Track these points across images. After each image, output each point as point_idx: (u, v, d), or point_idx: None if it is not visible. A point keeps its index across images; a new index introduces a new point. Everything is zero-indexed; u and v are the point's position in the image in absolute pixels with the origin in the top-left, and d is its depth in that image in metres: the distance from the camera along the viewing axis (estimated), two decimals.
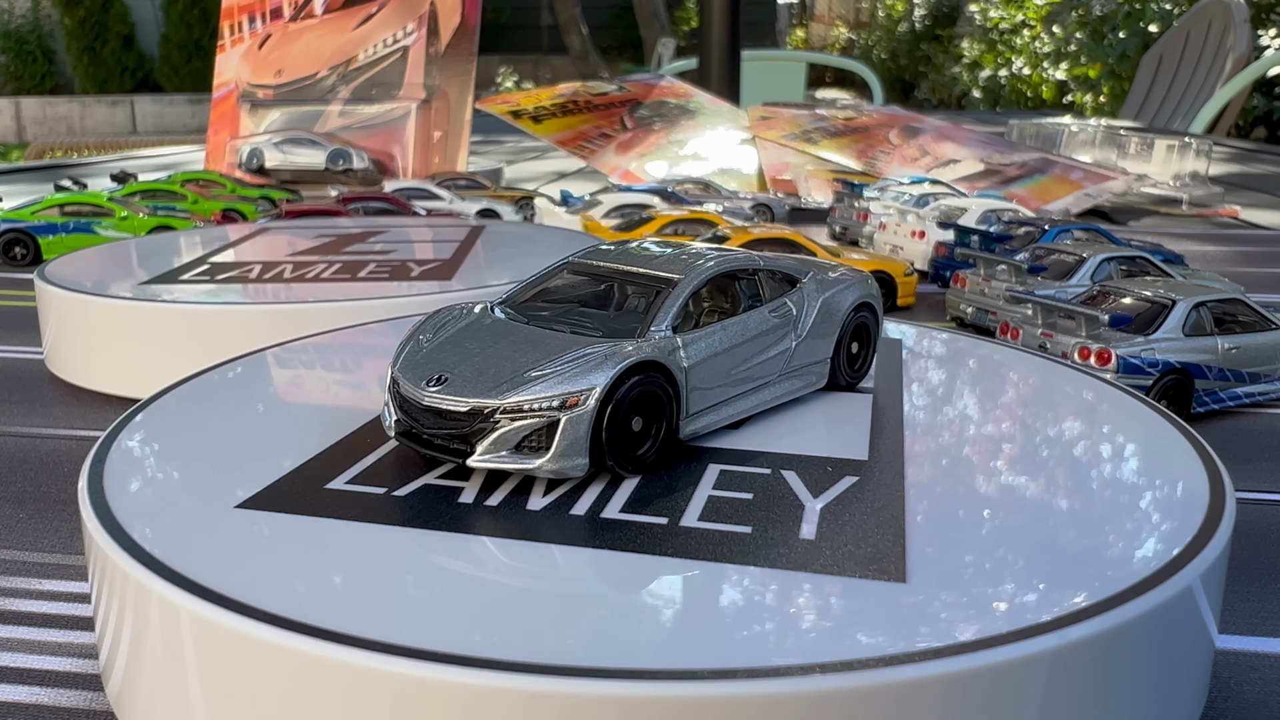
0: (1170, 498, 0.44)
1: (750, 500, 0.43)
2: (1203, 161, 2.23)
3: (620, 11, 9.36)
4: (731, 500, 0.43)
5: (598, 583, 0.37)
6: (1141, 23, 6.15)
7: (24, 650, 0.47)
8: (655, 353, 0.45)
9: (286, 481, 0.45)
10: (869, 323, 0.59)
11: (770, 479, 0.46)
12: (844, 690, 0.30)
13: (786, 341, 0.53)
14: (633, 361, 0.44)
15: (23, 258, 1.39)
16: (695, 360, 0.48)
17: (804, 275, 0.56)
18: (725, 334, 0.50)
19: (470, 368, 0.46)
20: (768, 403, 0.53)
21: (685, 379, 0.47)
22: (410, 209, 1.52)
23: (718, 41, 3.01)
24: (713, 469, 0.47)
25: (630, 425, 0.45)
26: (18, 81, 8.34)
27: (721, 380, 0.49)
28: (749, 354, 0.51)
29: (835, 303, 0.56)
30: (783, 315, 0.54)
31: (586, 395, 0.43)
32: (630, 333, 0.47)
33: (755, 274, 0.54)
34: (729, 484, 0.45)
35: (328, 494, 0.44)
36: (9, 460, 0.71)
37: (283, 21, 2.24)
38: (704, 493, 0.44)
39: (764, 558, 0.38)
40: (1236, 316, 0.82)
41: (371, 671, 0.31)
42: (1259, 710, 0.43)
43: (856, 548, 0.39)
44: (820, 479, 0.46)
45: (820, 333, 0.55)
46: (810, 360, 0.55)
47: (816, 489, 0.45)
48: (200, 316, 0.81)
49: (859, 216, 1.52)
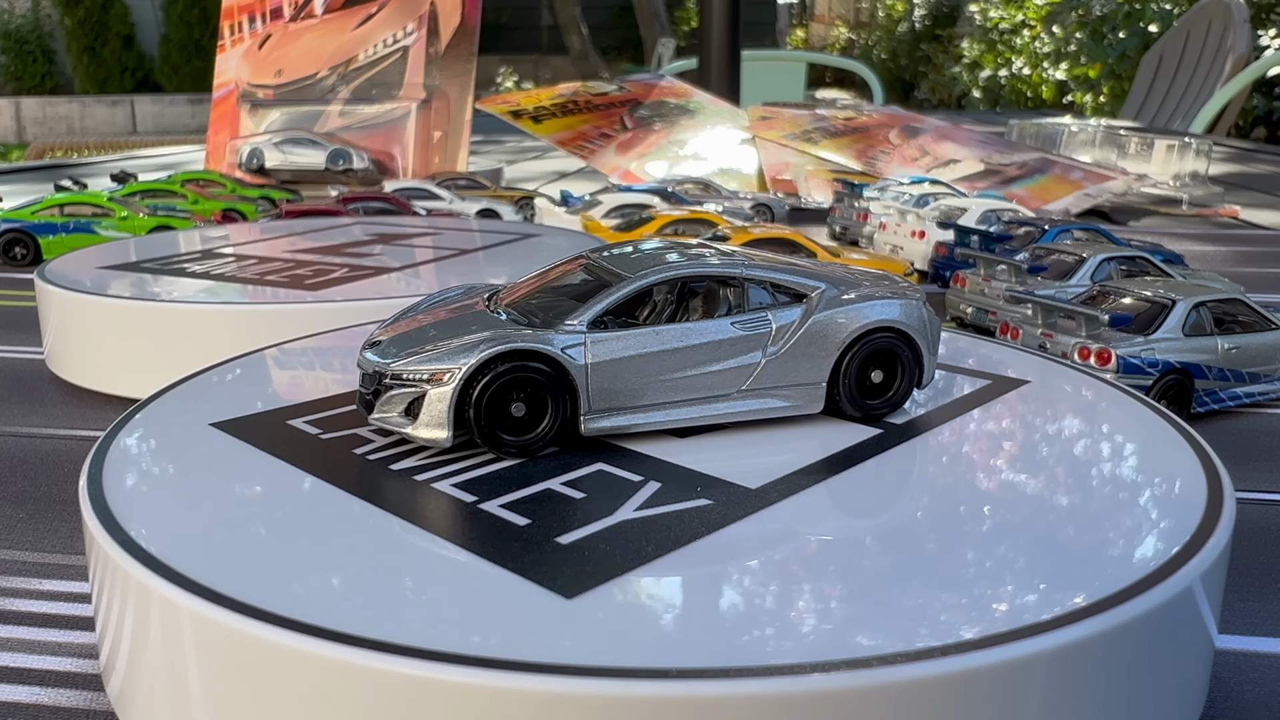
0: (1169, 498, 0.44)
1: (575, 499, 0.43)
2: (1203, 161, 2.23)
3: (620, 11, 9.36)
4: (558, 496, 0.44)
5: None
6: (1141, 23, 6.15)
7: (24, 650, 0.47)
8: (542, 344, 0.47)
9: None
10: (898, 350, 0.53)
11: (622, 484, 0.45)
12: (844, 690, 0.30)
13: (751, 356, 0.50)
14: (502, 349, 0.46)
15: (23, 258, 1.39)
16: (603, 358, 0.48)
17: (816, 289, 0.52)
18: (657, 338, 0.49)
19: (406, 337, 0.50)
20: (725, 417, 0.51)
21: (587, 376, 0.47)
22: (410, 209, 1.52)
23: (718, 41, 3.01)
24: (590, 469, 0.46)
25: (509, 409, 0.47)
26: (18, 81, 8.34)
27: (643, 383, 0.49)
28: (689, 362, 0.49)
29: (838, 323, 0.52)
30: (751, 328, 0.51)
31: (451, 374, 0.46)
32: (552, 324, 0.49)
33: (733, 282, 0.51)
34: (577, 482, 0.45)
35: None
36: (9, 460, 0.71)
37: (283, 21, 2.24)
38: (547, 485, 0.45)
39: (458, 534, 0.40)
40: (1236, 316, 0.82)
41: (372, 671, 0.31)
42: (1259, 710, 0.43)
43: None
44: (672, 494, 0.44)
45: (806, 353, 0.51)
46: (791, 381, 0.51)
47: (622, 501, 0.43)
48: (200, 316, 0.81)
49: (859, 216, 1.52)
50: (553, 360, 0.47)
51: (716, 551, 0.39)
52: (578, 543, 0.39)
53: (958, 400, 0.57)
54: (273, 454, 0.48)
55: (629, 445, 0.49)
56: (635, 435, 0.50)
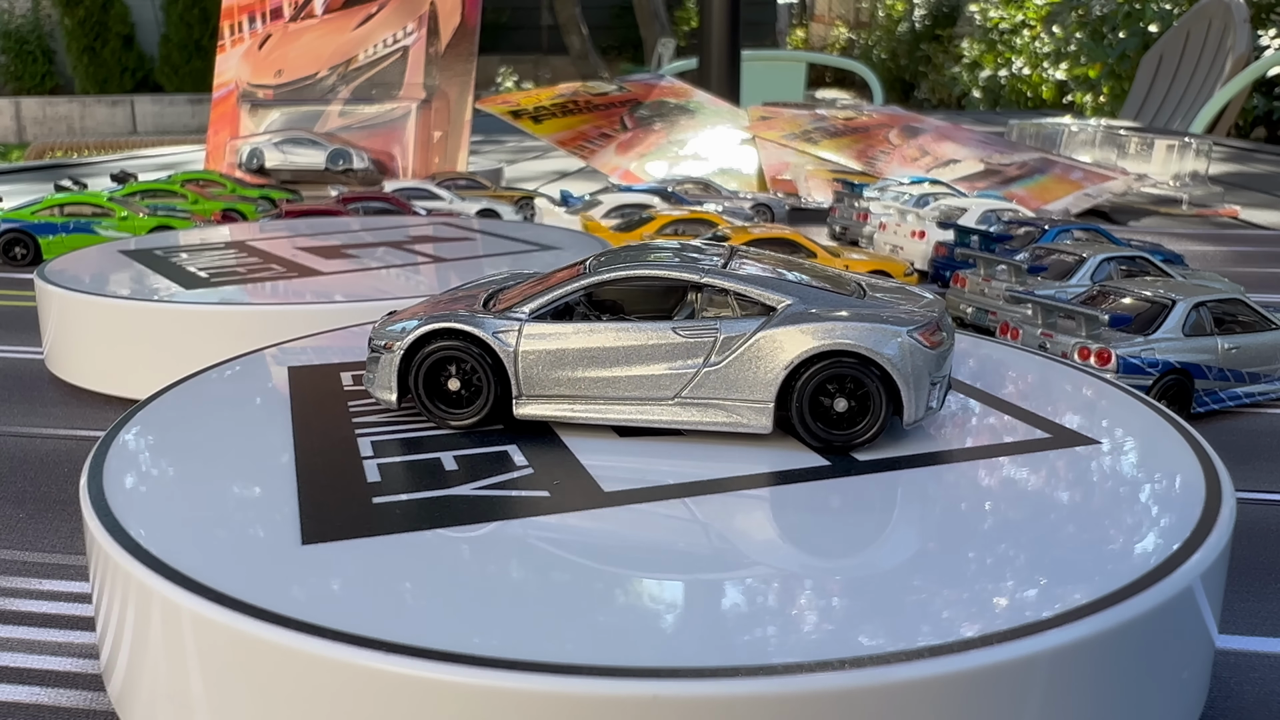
0: (1169, 497, 0.44)
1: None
2: (1203, 161, 2.23)
3: (620, 11, 9.36)
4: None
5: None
6: (1141, 23, 6.15)
7: (24, 650, 0.47)
8: (473, 326, 0.50)
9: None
10: (864, 379, 0.48)
11: (502, 464, 0.47)
12: (844, 689, 0.30)
13: (689, 365, 0.49)
14: (437, 327, 0.50)
15: (23, 258, 1.39)
16: (534, 347, 0.49)
17: (783, 302, 0.49)
18: (589, 334, 0.49)
19: (405, 313, 0.54)
20: (658, 423, 0.49)
21: (515, 361, 0.49)
22: (410, 209, 1.52)
23: (718, 41, 3.01)
24: (497, 448, 0.49)
25: (443, 382, 0.51)
26: (18, 81, 8.35)
27: (572, 376, 0.49)
28: (619, 362, 0.49)
29: (787, 341, 0.48)
30: (695, 335, 0.49)
31: (398, 344, 0.51)
32: (504, 313, 0.51)
33: (696, 287, 0.50)
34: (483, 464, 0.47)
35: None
36: (9, 460, 0.71)
37: (283, 21, 2.24)
38: (440, 455, 0.48)
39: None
40: (1236, 316, 0.82)
41: (373, 670, 0.31)
42: (1259, 710, 0.43)
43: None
44: (533, 482, 0.45)
45: (751, 369, 0.48)
46: (733, 396, 0.48)
47: (479, 479, 0.46)
48: (200, 317, 0.81)
49: (859, 216, 1.52)
50: (485, 343, 0.50)
51: (479, 539, 0.40)
52: (386, 505, 0.43)
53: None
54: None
55: (564, 434, 0.50)
56: (577, 428, 0.51)
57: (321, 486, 0.44)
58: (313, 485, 0.45)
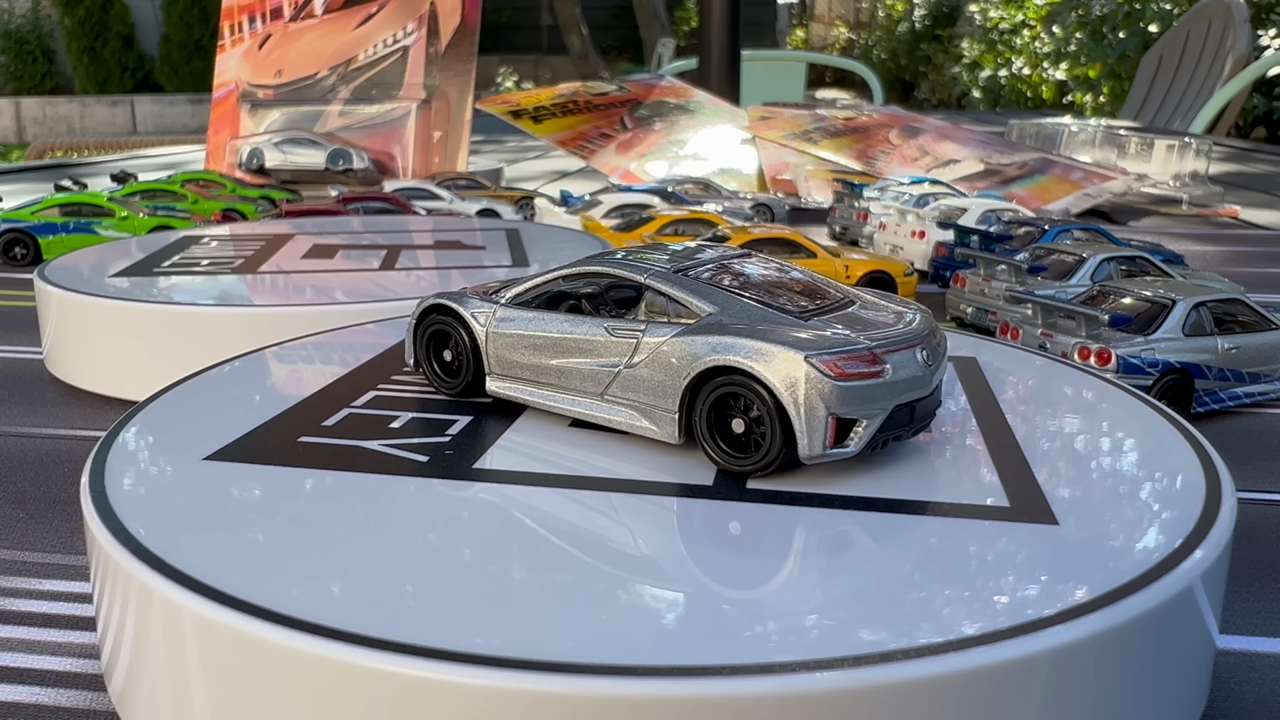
0: (1169, 496, 0.44)
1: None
2: (1202, 161, 2.23)
3: (620, 11, 9.36)
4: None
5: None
6: (1141, 23, 6.15)
7: (24, 650, 0.47)
8: (456, 303, 0.55)
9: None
10: (758, 402, 0.45)
11: (437, 429, 0.52)
12: (844, 689, 0.30)
13: (611, 363, 0.49)
14: (432, 303, 0.57)
15: (23, 258, 1.39)
16: (499, 330, 0.54)
17: (705, 311, 0.48)
18: (540, 323, 0.52)
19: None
20: (590, 416, 0.50)
21: (486, 340, 0.54)
22: (410, 209, 1.52)
23: (718, 41, 3.01)
24: (463, 417, 0.54)
25: (441, 353, 0.57)
26: (18, 81, 8.34)
27: (525, 360, 0.53)
28: (559, 353, 0.51)
29: (688, 353, 0.46)
30: (621, 335, 0.49)
31: (412, 318, 0.58)
32: (494, 298, 0.56)
33: (643, 287, 0.50)
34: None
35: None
36: (9, 460, 0.71)
37: (283, 21, 2.24)
38: (415, 415, 0.55)
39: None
40: (1236, 316, 0.82)
41: (374, 670, 0.31)
42: (1259, 710, 0.43)
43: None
44: (444, 449, 0.49)
45: (658, 375, 0.47)
46: (644, 400, 0.48)
47: (406, 439, 0.50)
48: (200, 317, 0.81)
49: (859, 216, 1.52)
50: (465, 321, 0.55)
51: (321, 484, 0.45)
52: (307, 444, 0.49)
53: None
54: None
55: (527, 416, 0.54)
56: (543, 412, 0.54)
57: (287, 421, 0.52)
58: (284, 420, 0.52)
